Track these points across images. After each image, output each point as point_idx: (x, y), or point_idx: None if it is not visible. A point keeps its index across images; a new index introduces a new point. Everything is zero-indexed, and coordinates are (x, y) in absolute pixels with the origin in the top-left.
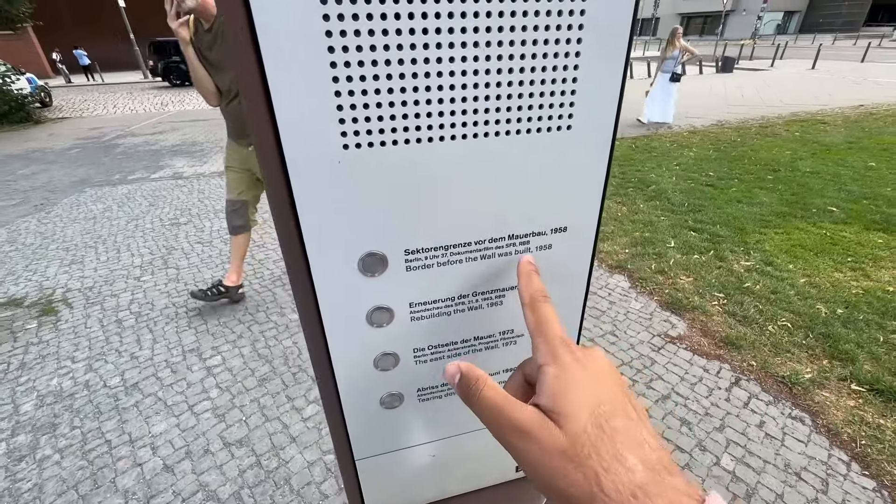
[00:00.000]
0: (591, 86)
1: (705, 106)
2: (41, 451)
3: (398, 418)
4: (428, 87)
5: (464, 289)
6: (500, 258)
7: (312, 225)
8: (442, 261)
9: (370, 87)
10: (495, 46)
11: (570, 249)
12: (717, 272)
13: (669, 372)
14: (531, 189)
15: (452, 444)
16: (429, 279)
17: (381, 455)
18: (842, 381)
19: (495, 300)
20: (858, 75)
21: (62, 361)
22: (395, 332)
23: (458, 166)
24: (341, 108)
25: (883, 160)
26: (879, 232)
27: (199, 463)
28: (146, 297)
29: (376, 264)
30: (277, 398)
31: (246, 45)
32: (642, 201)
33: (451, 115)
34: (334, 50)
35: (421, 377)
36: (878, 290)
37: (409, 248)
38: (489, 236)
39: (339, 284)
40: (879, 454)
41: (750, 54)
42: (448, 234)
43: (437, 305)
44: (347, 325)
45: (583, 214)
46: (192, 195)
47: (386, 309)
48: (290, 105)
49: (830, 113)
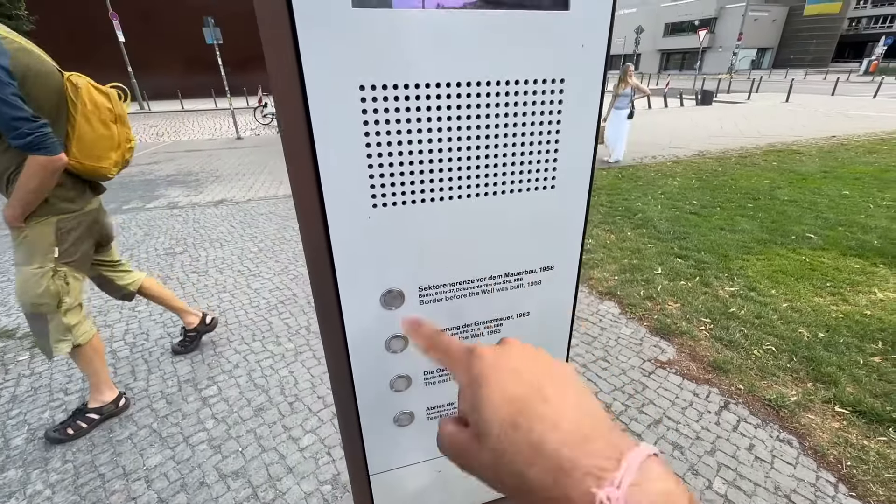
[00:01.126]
0: (569, 149)
1: (687, 137)
2: (32, 487)
3: (409, 435)
4: (441, 159)
5: (467, 319)
6: (498, 293)
7: (345, 267)
8: (449, 295)
9: (395, 159)
10: (495, 125)
11: (557, 283)
12: (703, 298)
13: (661, 396)
14: (523, 236)
15: None
16: (438, 311)
17: (393, 470)
18: (826, 403)
19: (494, 328)
20: (829, 108)
21: (55, 394)
22: (408, 357)
23: (465, 218)
24: (372, 176)
25: (856, 188)
26: (855, 258)
27: (195, 496)
28: (141, 328)
29: (395, 299)
30: (274, 428)
31: (297, 107)
32: (629, 229)
33: (459, 180)
34: (368, 123)
35: (431, 397)
36: (857, 314)
37: (422, 284)
38: (489, 274)
39: (364, 316)
40: (865, 475)
41: (727, 88)
42: (455, 273)
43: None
44: (368, 352)
45: (566, 254)
46: (187, 224)
47: (402, 337)
48: (333, 166)
49: (805, 143)
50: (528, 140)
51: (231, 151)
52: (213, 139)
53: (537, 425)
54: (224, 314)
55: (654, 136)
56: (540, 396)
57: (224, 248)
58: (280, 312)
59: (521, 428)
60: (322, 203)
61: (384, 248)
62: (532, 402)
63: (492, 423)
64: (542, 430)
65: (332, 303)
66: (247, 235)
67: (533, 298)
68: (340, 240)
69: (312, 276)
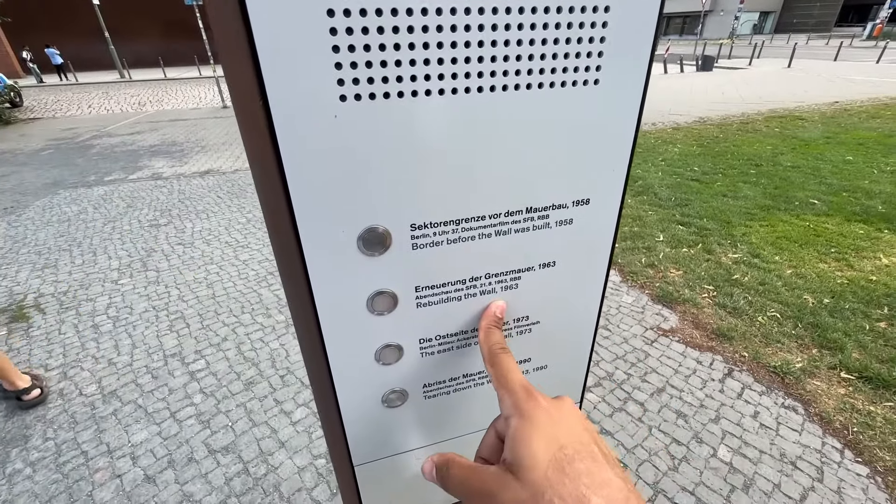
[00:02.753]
0: (621, 33)
1: (687, 103)
2: (11, 465)
3: (401, 418)
4: (440, 26)
5: (476, 270)
6: (518, 235)
7: (304, 194)
8: (452, 237)
9: (372, 25)
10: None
11: (593, 224)
12: (705, 265)
13: (663, 365)
14: (552, 154)
15: (462, 445)
16: (437, 259)
17: (382, 459)
18: (832, 369)
19: (510, 283)
20: (832, 73)
21: (34, 369)
22: (398, 321)
23: (472, 124)
24: (337, 49)
25: (860, 154)
26: (860, 223)
27: (183, 472)
28: (124, 301)
29: (378, 241)
30: (265, 402)
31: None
32: (630, 196)
33: (465, 63)
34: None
35: (427, 371)
36: (862, 280)
37: (415, 222)
38: (505, 209)
39: (336, 265)
40: (871, 441)
41: (729, 53)
42: (459, 207)
43: (445, 289)
44: (344, 313)
45: (607, 184)
46: (172, 196)
47: (389, 294)
48: (279, 62)
49: (808, 109)
50: (567, 3)
51: (217, 121)
52: (198, 108)
53: (585, 478)
54: (212, 286)
55: (654, 102)
56: (589, 454)
57: (211, 219)
58: (270, 284)
59: (568, 475)
60: (262, 87)
61: (359, 167)
62: (582, 456)
63: (538, 459)
64: (590, 484)
65: (292, 248)
66: (234, 206)
67: (561, 243)
68: (294, 153)
69: (264, 208)
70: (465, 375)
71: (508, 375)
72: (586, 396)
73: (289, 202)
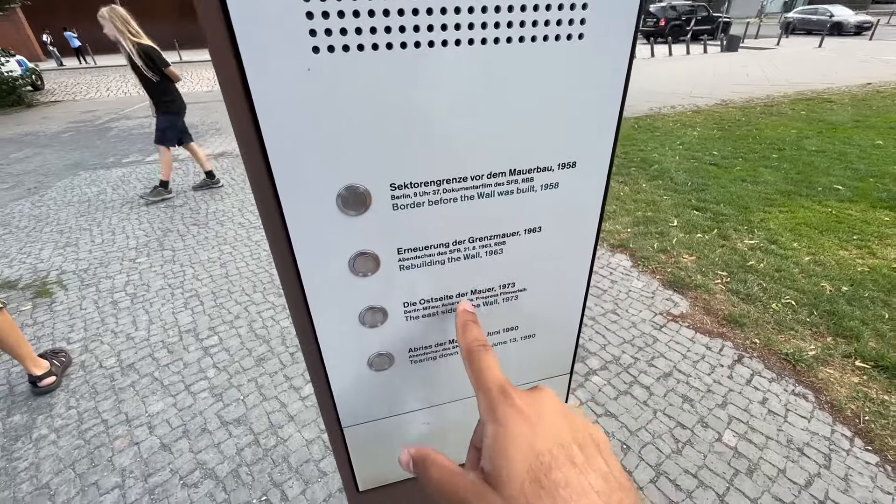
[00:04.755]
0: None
1: (709, 85)
2: (38, 431)
3: (388, 382)
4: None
5: (458, 233)
6: (501, 198)
7: (280, 150)
8: (434, 199)
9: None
10: None
11: (580, 188)
12: (720, 251)
13: (671, 350)
14: (536, 114)
15: (448, 411)
16: (418, 220)
17: (371, 422)
18: (846, 357)
19: (494, 248)
20: (866, 53)
21: (57, 343)
22: (381, 283)
23: (453, 79)
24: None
25: (890, 138)
26: (886, 210)
27: (197, 441)
28: (142, 279)
29: (357, 201)
30: (275, 378)
31: None
32: (645, 181)
33: (441, 14)
34: None
35: (412, 336)
36: (884, 268)
37: (395, 181)
38: (488, 170)
39: (316, 224)
40: (883, 430)
41: (756, 33)
42: (441, 167)
43: (428, 252)
44: (327, 274)
45: (595, 147)
46: (187, 177)
47: (370, 255)
48: (249, 12)
49: (837, 91)
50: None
51: None
52: (212, 91)
53: (563, 490)
54: (225, 266)
55: (674, 84)
56: (569, 458)
57: (225, 200)
58: None
59: (545, 487)
60: (234, 38)
61: (335, 124)
62: (560, 463)
63: (513, 472)
64: (567, 497)
65: (272, 206)
66: (247, 188)
67: (546, 208)
68: (267, 109)
69: (246, 165)
70: (451, 342)
71: (485, 374)
72: (592, 379)
73: (266, 158)
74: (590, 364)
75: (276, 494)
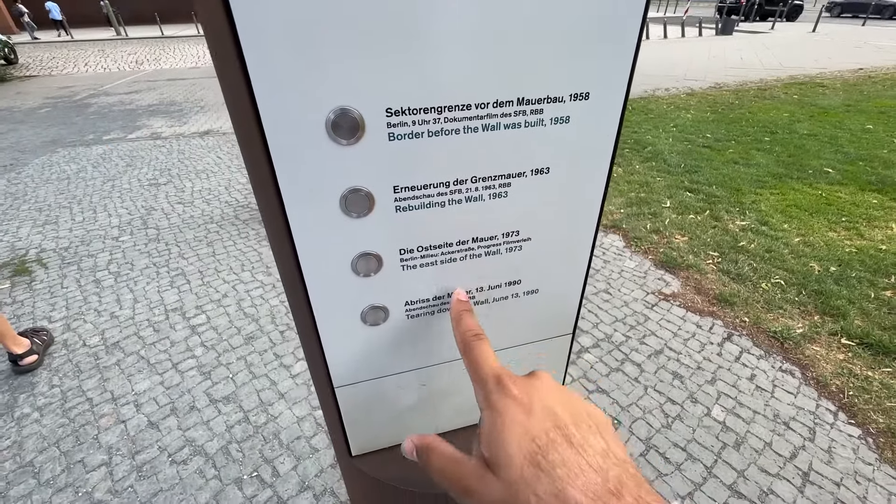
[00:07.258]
0: None
1: (703, 69)
2: (20, 410)
3: (383, 338)
4: None
5: (461, 172)
6: (508, 131)
7: (262, 77)
8: (434, 128)
9: None
10: None
11: (593, 125)
12: (712, 231)
13: (662, 328)
14: (546, 34)
15: (447, 371)
16: (417, 153)
17: (364, 382)
18: (832, 335)
19: (498, 190)
20: (859, 39)
21: (38, 321)
22: (376, 225)
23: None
24: None
25: (880, 123)
26: (874, 192)
27: (185, 419)
28: (125, 258)
29: (349, 127)
30: (265, 356)
31: None
32: (638, 162)
33: None
34: None
35: (409, 287)
36: (871, 249)
37: (391, 106)
38: (494, 98)
39: (302, 154)
40: (866, 404)
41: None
42: (442, 91)
43: (427, 192)
44: (315, 213)
45: (610, 77)
46: (171, 155)
47: (364, 193)
48: None
49: (830, 76)
50: None
51: (216, 80)
52: (197, 67)
53: (560, 470)
54: (212, 245)
55: (669, 67)
56: (566, 439)
57: (211, 179)
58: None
59: (543, 469)
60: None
61: (324, 39)
62: (557, 444)
63: (512, 457)
64: (565, 476)
65: (256, 139)
66: (234, 167)
67: (556, 146)
68: (248, 22)
69: (225, 92)
70: (450, 295)
71: (480, 364)
72: (584, 357)
73: (246, 74)
74: (582, 342)
75: (267, 470)
